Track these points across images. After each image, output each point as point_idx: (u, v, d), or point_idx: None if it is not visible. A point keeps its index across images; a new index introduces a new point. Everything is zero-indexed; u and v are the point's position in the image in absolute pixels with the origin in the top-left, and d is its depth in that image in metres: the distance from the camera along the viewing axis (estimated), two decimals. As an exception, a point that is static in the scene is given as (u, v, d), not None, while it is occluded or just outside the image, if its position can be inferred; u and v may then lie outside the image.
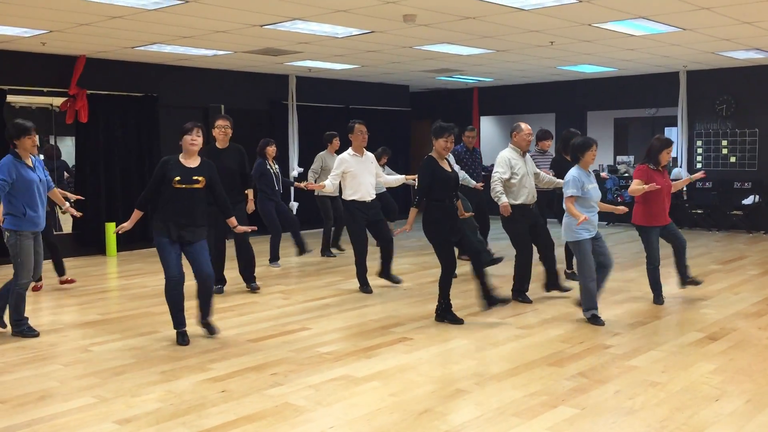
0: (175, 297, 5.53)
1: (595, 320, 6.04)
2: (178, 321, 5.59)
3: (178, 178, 5.38)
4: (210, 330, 5.74)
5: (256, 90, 12.63)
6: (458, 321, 6.12)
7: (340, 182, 7.43)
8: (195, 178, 5.46)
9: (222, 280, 7.54)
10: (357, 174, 7.33)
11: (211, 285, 5.70)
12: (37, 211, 5.71)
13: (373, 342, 5.58)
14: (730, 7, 7.36)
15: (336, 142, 9.74)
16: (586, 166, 6.08)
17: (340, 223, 10.11)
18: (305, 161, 12.85)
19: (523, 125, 6.90)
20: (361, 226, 7.39)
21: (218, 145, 7.27)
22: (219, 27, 8.13)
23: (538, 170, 7.11)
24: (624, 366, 4.90)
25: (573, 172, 6.01)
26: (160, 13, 7.29)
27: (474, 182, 9.04)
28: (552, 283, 7.13)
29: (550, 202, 8.10)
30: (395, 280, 7.73)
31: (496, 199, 6.72)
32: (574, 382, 4.57)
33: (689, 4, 7.12)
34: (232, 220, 5.92)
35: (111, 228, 10.48)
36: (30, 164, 5.71)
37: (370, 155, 7.56)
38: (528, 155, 6.96)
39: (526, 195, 6.79)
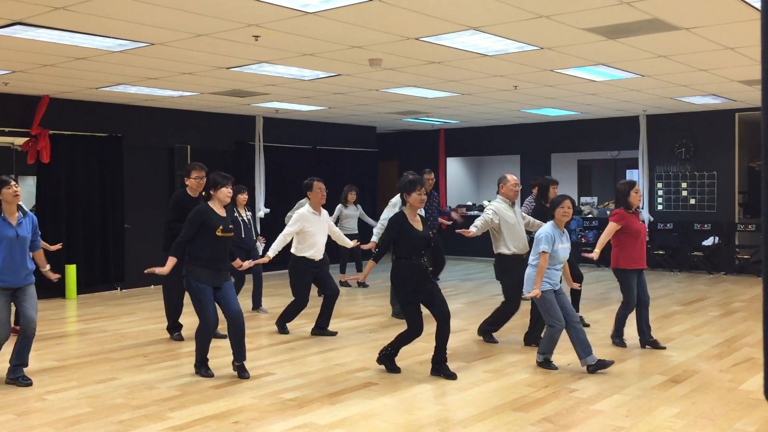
0: (209, 338, 5.87)
1: (546, 364, 6.05)
2: (205, 358, 5.90)
3: (221, 227, 5.73)
4: (242, 374, 5.81)
5: (222, 131, 12.60)
6: (395, 370, 5.94)
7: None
8: (230, 226, 5.90)
9: (178, 327, 7.43)
10: (315, 233, 7.25)
11: (242, 322, 5.82)
12: (3, 266, 5.54)
13: (337, 387, 5.50)
14: (686, 56, 7.59)
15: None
16: (560, 224, 6.08)
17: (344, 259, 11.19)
18: (272, 202, 12.84)
19: (509, 176, 6.94)
20: (307, 284, 7.39)
21: (191, 193, 7.23)
22: (185, 69, 8.12)
23: (523, 217, 7.10)
24: (588, 411, 4.90)
25: (546, 228, 6.03)
26: (126, 55, 7.27)
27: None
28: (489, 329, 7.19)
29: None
30: (331, 333, 7.50)
31: (480, 224, 6.73)
32: (540, 427, 4.55)
33: (647, 52, 7.33)
34: (237, 261, 6.32)
35: (71, 270, 10.28)
36: (12, 220, 5.60)
37: (325, 214, 7.47)
38: (517, 206, 6.97)
39: (519, 244, 6.81)
